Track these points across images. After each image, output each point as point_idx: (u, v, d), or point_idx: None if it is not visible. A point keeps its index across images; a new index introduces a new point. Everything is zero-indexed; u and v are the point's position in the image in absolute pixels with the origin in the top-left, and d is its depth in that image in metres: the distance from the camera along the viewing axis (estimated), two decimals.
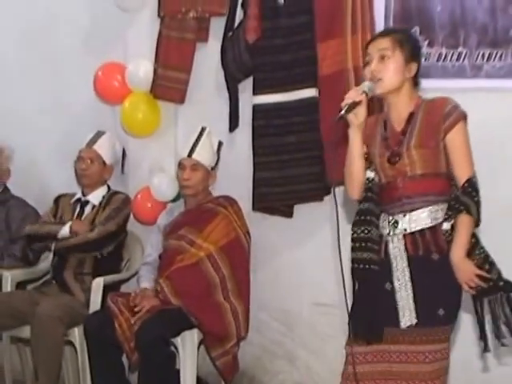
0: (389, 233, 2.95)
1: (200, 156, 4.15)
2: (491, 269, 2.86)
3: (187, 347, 3.97)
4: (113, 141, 4.51)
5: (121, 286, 4.45)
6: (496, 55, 3.66)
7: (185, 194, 4.25)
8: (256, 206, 4.18)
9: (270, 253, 4.28)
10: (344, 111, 2.85)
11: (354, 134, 2.92)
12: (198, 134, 4.17)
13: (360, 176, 2.98)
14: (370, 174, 3.00)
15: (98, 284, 4.20)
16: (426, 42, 3.75)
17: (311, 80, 3.97)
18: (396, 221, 2.93)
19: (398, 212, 2.93)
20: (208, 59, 4.36)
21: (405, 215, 2.92)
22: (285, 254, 4.27)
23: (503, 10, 3.64)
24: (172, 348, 3.98)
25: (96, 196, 4.45)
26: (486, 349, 2.94)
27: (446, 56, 3.73)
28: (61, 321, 4.05)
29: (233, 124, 4.29)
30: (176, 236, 4.14)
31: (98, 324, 3.97)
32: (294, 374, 4.29)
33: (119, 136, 4.60)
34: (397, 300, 2.90)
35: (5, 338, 4.32)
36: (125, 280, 4.47)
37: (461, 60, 3.71)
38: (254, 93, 4.12)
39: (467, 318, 3.36)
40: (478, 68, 3.69)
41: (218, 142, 4.24)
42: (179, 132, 4.50)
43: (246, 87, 4.21)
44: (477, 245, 2.88)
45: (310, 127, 3.98)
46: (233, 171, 4.32)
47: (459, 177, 2.87)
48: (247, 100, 4.19)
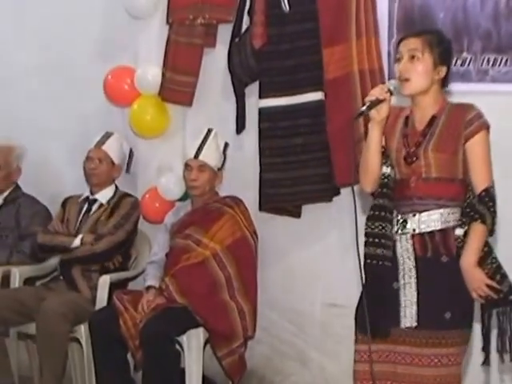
0: (397, 231, 2.91)
1: (206, 157, 4.18)
2: (502, 280, 2.84)
3: (192, 346, 3.97)
4: (121, 141, 4.56)
5: (128, 284, 4.47)
6: (501, 61, 3.69)
7: (192, 194, 4.28)
8: (263, 207, 4.20)
9: (279, 253, 4.29)
10: (366, 107, 2.83)
11: (374, 129, 2.90)
12: (205, 136, 4.21)
13: (376, 170, 2.94)
14: (387, 170, 2.95)
15: (105, 281, 4.21)
16: None
17: (316, 84, 4.01)
18: (405, 220, 2.90)
19: (408, 211, 2.90)
20: (215, 64, 4.41)
21: (414, 215, 2.88)
22: (294, 254, 4.28)
23: (506, 17, 3.68)
24: (177, 346, 3.97)
25: (104, 195, 4.48)
26: (486, 362, 2.91)
27: None
28: (65, 317, 4.05)
29: (240, 126, 4.34)
30: (182, 235, 4.16)
31: (103, 321, 3.99)
32: (307, 376, 4.27)
33: (128, 137, 4.65)
34: (400, 299, 2.88)
35: (12, 334, 4.33)
36: (132, 278, 4.48)
37: (465, 65, 3.74)
38: (260, 96, 4.16)
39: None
40: (484, 72, 3.72)
41: (224, 143, 4.27)
42: (187, 134, 4.54)
43: (253, 91, 4.26)
44: (489, 254, 2.86)
45: (317, 129, 4.02)
46: (240, 173, 4.36)
47: (476, 185, 2.85)
48: (254, 103, 4.24)
